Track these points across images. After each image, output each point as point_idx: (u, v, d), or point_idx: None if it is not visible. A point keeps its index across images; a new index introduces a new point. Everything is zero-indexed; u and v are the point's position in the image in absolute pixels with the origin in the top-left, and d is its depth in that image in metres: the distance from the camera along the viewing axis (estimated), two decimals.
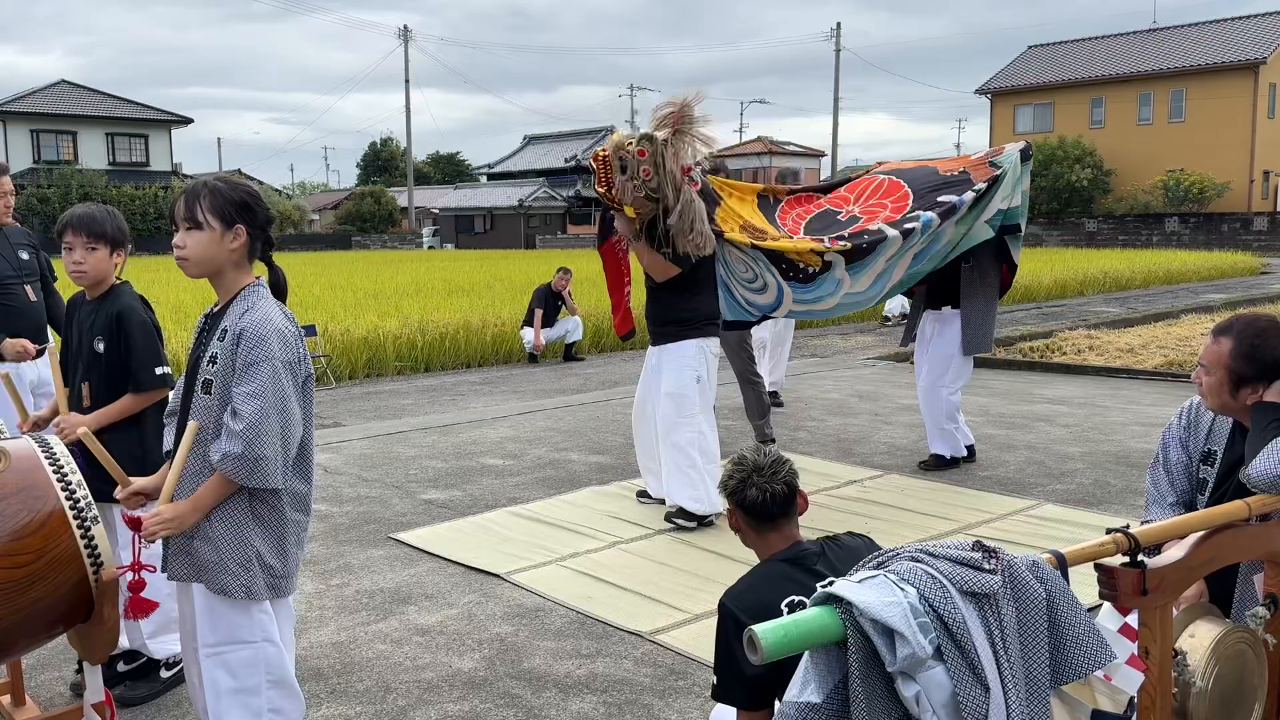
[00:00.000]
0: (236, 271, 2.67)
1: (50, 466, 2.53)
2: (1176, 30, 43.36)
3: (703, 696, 3.50)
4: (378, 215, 60.28)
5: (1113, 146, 40.97)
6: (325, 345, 11.10)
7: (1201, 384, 2.81)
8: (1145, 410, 8.38)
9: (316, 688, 3.61)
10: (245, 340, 2.54)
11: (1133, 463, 6.64)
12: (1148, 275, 22.33)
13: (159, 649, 3.61)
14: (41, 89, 47.80)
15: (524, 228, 53.15)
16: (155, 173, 48.40)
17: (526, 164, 58.98)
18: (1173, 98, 40.56)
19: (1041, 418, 8.16)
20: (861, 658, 1.74)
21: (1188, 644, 2.37)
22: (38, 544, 2.43)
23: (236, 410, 2.51)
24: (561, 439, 7.65)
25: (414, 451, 7.29)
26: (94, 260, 3.44)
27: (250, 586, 2.60)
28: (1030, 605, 1.87)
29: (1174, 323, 14.01)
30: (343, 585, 4.64)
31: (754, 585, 2.44)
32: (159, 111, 49.89)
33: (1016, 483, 6.25)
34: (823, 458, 6.91)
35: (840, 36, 51.56)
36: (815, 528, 3.04)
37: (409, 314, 13.17)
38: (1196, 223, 36.24)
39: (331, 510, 5.80)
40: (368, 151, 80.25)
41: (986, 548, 1.89)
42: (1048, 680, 1.86)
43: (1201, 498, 2.87)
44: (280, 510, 2.65)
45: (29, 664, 3.72)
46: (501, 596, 4.48)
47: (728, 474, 2.55)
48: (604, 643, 3.99)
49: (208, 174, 18.25)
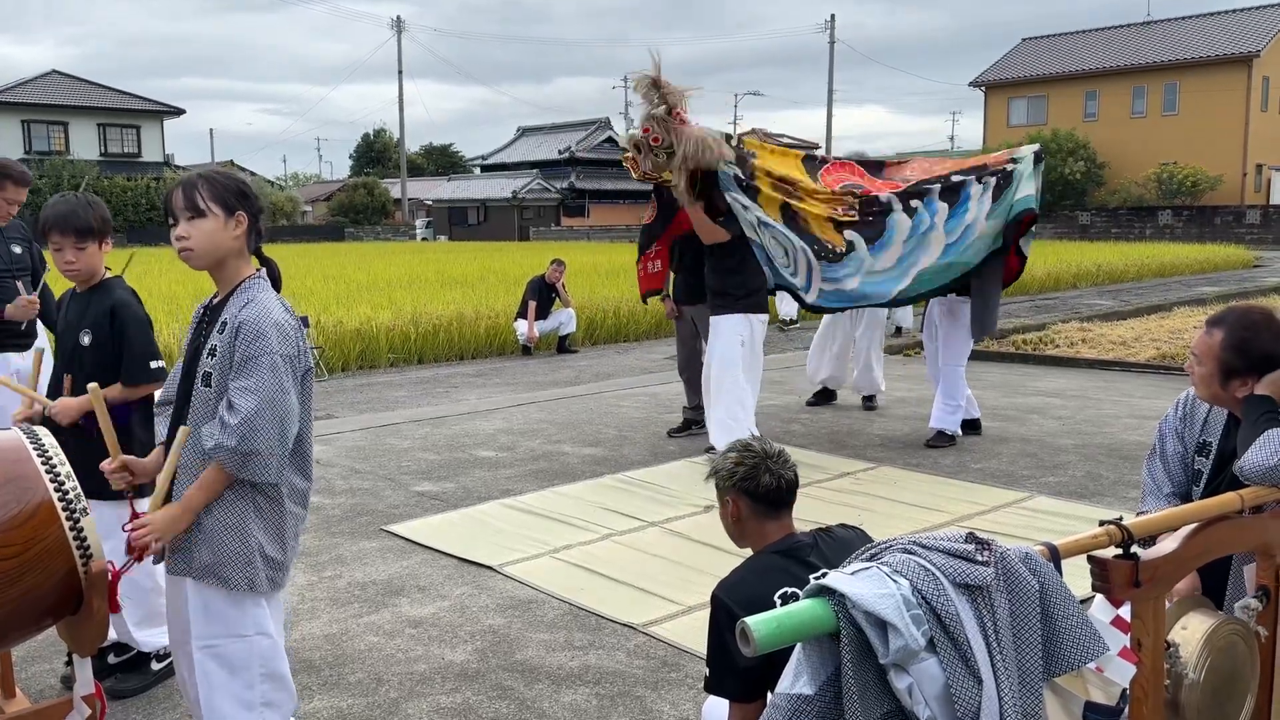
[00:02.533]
0: (238, 261, 2.65)
1: (39, 458, 2.51)
2: (1170, 23, 43.39)
3: (695, 688, 3.50)
4: (371, 207, 60.17)
5: (1106, 139, 41.02)
6: (318, 337, 11.06)
7: (1194, 374, 2.81)
8: (1138, 403, 8.40)
9: (309, 680, 3.60)
10: (244, 333, 2.52)
11: (1125, 455, 6.65)
12: (1141, 268, 22.37)
13: (146, 641, 3.59)
14: (32, 79, 47.55)
15: (518, 219, 53.05)
16: (147, 163, 48.21)
17: (520, 156, 58.84)
18: (1166, 91, 40.61)
19: (1034, 410, 8.17)
20: (854, 650, 1.73)
21: (1180, 636, 2.37)
22: (26, 535, 2.41)
23: (233, 404, 2.49)
24: (555, 431, 7.64)
25: (407, 443, 7.28)
26: (85, 257, 3.43)
27: (253, 580, 2.59)
28: (1023, 597, 1.87)
29: (1167, 315, 14.03)
30: (335, 577, 4.63)
31: (746, 577, 2.43)
32: (151, 102, 49.67)
33: (1009, 475, 6.26)
34: (816, 450, 6.91)
35: (834, 28, 51.58)
36: (808, 520, 3.03)
37: (402, 306, 13.13)
38: (1189, 216, 36.30)
39: (324, 502, 5.78)
40: (360, 143, 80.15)
41: (980, 540, 1.89)
42: (1040, 672, 1.86)
43: (1197, 489, 2.87)
44: (280, 503, 2.63)
45: (19, 656, 3.70)
46: (494, 588, 4.48)
47: (734, 462, 2.51)
48: (597, 635, 3.98)
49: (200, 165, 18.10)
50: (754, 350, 6.38)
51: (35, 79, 47.63)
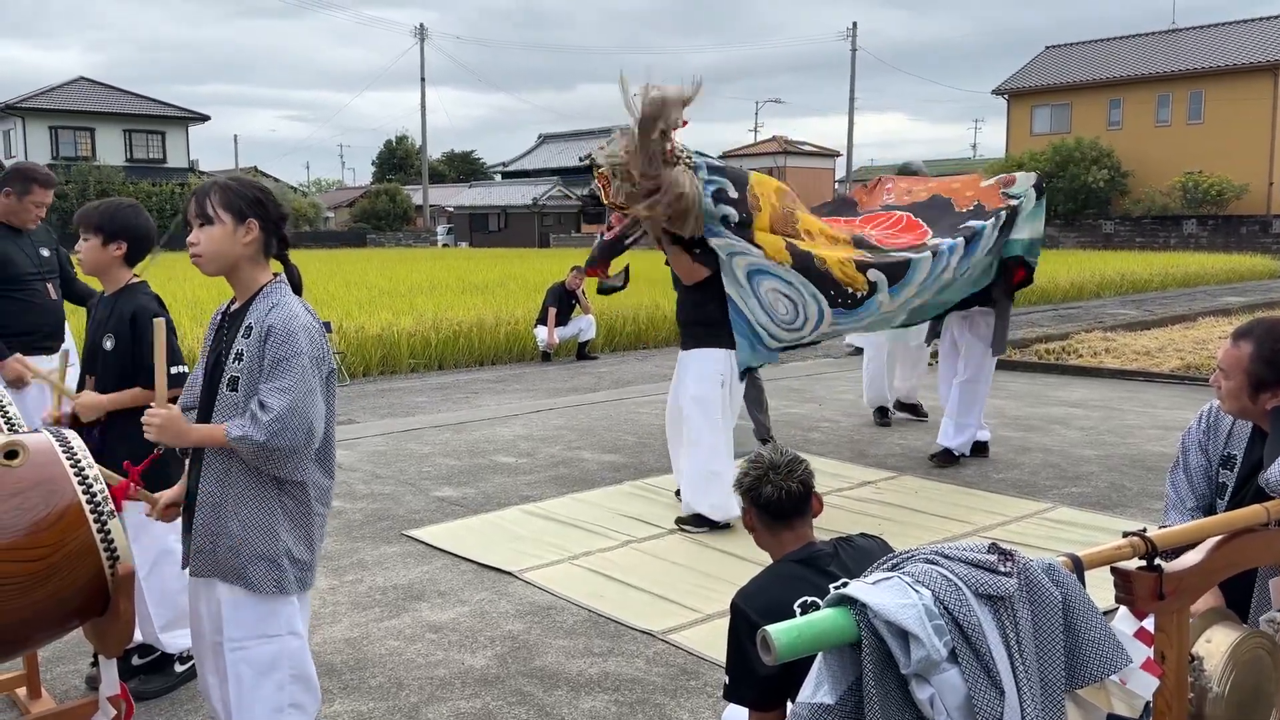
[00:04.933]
0: (253, 267, 2.68)
1: (67, 460, 2.54)
2: (1195, 31, 43.04)
3: (714, 696, 3.50)
4: (392, 213, 60.47)
5: (1130, 148, 40.71)
6: (340, 342, 11.13)
7: (1220, 388, 2.79)
8: (1162, 413, 8.33)
9: (330, 683, 3.62)
10: (274, 336, 2.55)
11: (1149, 466, 6.59)
12: (1165, 277, 22.19)
13: (171, 643, 3.62)
14: (60, 86, 48.06)
15: (538, 226, 53.19)
16: (172, 169, 48.62)
17: (541, 162, 59.03)
18: (1191, 99, 40.26)
19: (1057, 420, 8.12)
20: (875, 660, 1.73)
21: (1204, 649, 2.36)
22: (55, 537, 2.44)
23: (265, 403, 2.51)
24: (574, 437, 7.65)
25: (427, 449, 7.31)
26: (86, 250, 3.49)
27: (281, 581, 2.61)
28: (1046, 608, 1.86)
29: (1191, 325, 13.91)
30: (356, 581, 4.66)
31: (767, 585, 2.43)
32: (176, 108, 50.10)
33: (1032, 485, 6.22)
34: (836, 459, 6.89)
35: (856, 36, 51.43)
36: (829, 529, 3.03)
37: (423, 311, 13.19)
38: (1214, 225, 35.97)
39: (345, 506, 5.81)
40: (383, 149, 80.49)
41: (1002, 550, 1.88)
42: (1063, 684, 1.85)
43: (1221, 502, 2.85)
44: (307, 504, 2.66)
45: (45, 657, 3.74)
46: (513, 594, 4.49)
47: (743, 471, 2.55)
48: (616, 641, 3.99)
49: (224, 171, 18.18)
50: (733, 391, 5.49)
51: (63, 85, 48.15)
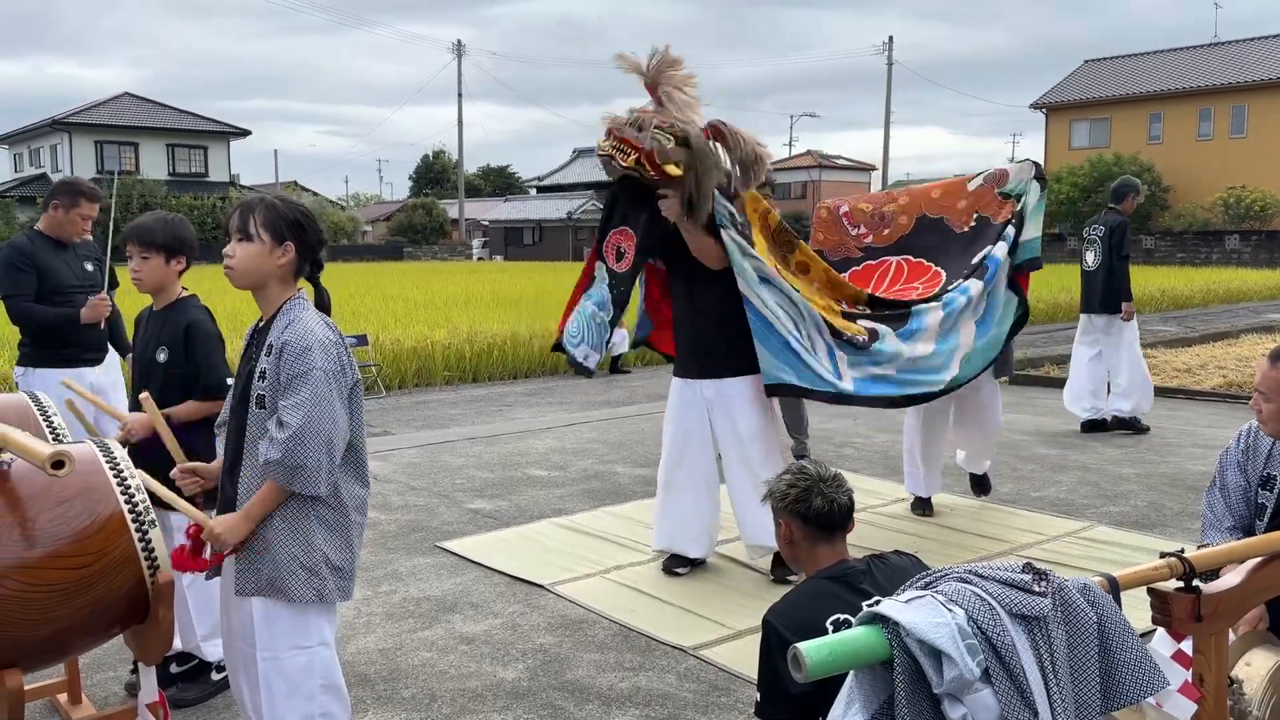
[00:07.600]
0: (281, 287, 2.72)
1: (110, 470, 2.59)
2: (1238, 44, 42.49)
3: (746, 713, 3.49)
4: (429, 227, 60.96)
5: (1171, 162, 40.21)
6: (375, 355, 11.24)
7: (1261, 410, 2.75)
8: (1202, 431, 8.20)
9: (363, 694, 3.65)
10: (288, 353, 2.59)
11: (1189, 485, 6.50)
12: (1207, 294, 21.86)
13: (211, 651, 3.67)
14: (105, 101, 49.06)
15: (572, 240, 53.44)
16: (213, 183, 49.41)
17: (575, 177, 59.33)
18: (1234, 113, 39.71)
19: (1096, 437, 8.02)
20: (908, 679, 1.72)
21: (1244, 672, 2.32)
22: (97, 546, 2.49)
23: (282, 421, 2.56)
24: (607, 451, 7.67)
25: (461, 461, 7.36)
26: (148, 269, 3.52)
27: (321, 590, 2.64)
28: (1081, 629, 1.84)
29: (1234, 343, 13.69)
30: (390, 592, 4.69)
31: (799, 602, 2.43)
32: (218, 123, 50.95)
33: (1069, 504, 6.14)
34: (870, 475, 6.85)
35: (893, 49, 51.30)
36: (862, 546, 3.02)
37: (458, 324, 13.29)
38: (1258, 240, 35.40)
39: (380, 518, 5.86)
40: (420, 164, 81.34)
41: (1037, 570, 1.87)
42: (1098, 706, 1.83)
43: (1260, 523, 2.81)
44: (345, 513, 2.69)
45: (85, 663, 3.80)
46: (545, 607, 4.50)
47: (788, 484, 2.53)
48: (647, 656, 3.99)
49: (264, 185, 18.39)
50: (776, 419, 4.92)
51: (108, 101, 49.14)
